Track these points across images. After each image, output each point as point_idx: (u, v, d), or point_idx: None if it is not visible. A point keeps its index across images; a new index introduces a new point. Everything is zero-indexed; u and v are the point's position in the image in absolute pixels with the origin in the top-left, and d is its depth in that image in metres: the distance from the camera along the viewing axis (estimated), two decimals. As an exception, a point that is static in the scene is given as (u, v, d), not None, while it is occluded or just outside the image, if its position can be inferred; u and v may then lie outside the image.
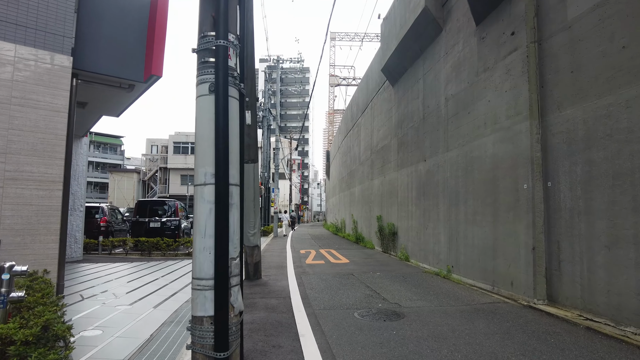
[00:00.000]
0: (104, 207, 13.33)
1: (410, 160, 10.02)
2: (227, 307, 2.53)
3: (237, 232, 2.72)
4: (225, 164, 2.58)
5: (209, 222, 2.55)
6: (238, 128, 2.81)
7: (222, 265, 2.52)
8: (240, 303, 2.73)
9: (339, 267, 8.85)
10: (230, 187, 2.62)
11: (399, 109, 11.20)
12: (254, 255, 7.09)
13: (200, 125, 2.67)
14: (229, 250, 2.58)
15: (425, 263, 8.81)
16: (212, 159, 2.59)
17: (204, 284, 2.55)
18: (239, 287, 2.75)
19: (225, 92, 2.63)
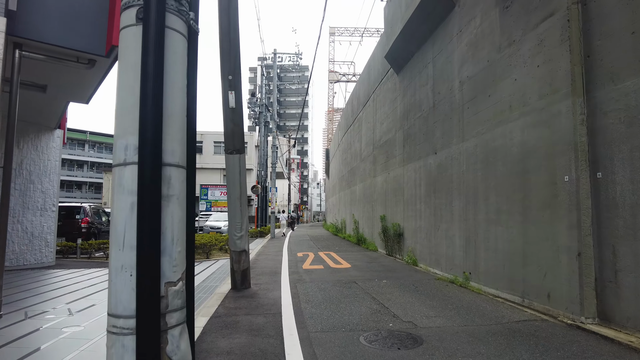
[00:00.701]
0: (86, 207, 12.36)
1: (419, 154, 9.05)
2: (154, 367, 1.55)
3: (180, 241, 1.75)
4: (155, 132, 1.62)
5: (130, 225, 1.59)
6: (183, 79, 1.84)
7: (147, 294, 1.56)
8: (186, 354, 1.75)
9: (339, 273, 7.88)
10: (166, 168, 1.67)
11: (404, 99, 10.23)
12: (242, 261, 6.13)
13: (123, 71, 1.70)
14: (163, 269, 1.62)
15: (437, 268, 7.84)
16: (137, 123, 1.63)
17: (122, 325, 1.59)
18: (183, 327, 1.77)
19: (160, 19, 1.66)
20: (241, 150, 5.66)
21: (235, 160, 5.60)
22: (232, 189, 5.69)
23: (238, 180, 5.66)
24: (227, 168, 5.67)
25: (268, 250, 12.89)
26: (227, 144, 5.61)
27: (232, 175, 5.63)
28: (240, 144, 5.65)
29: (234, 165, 5.61)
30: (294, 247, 13.75)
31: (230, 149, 5.58)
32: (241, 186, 5.71)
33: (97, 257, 10.39)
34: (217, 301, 5.43)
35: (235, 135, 5.56)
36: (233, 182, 5.66)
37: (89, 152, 51.75)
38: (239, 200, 5.74)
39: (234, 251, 6.10)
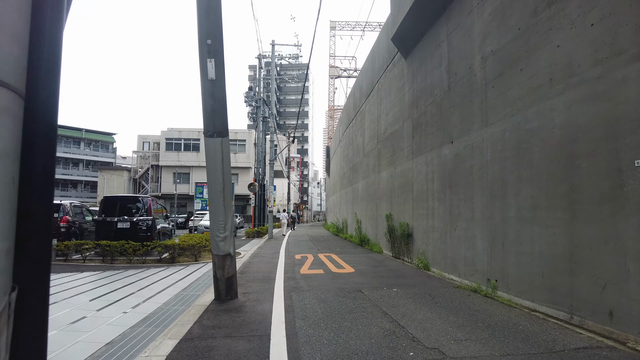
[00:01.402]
0: (66, 205, 11.37)
1: (431, 145, 8.06)
2: None
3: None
4: None
5: None
6: None
7: None
8: None
9: (342, 278, 6.89)
10: None
11: (413, 85, 9.24)
12: (226, 267, 5.13)
13: None
14: None
15: (454, 274, 6.85)
16: None
17: None
18: None
19: None
20: (224, 133, 4.67)
21: (217, 145, 4.61)
22: (213, 180, 4.70)
23: (220, 170, 4.67)
24: (207, 155, 4.69)
25: (264, 252, 11.90)
26: (206, 124, 4.63)
27: (212, 164, 4.65)
28: (222, 124, 4.66)
29: (215, 151, 4.62)
30: (292, 249, 12.76)
31: (210, 131, 4.60)
32: (225, 176, 4.72)
33: (74, 260, 9.41)
34: (194, 316, 4.44)
35: (216, 113, 4.57)
36: (214, 172, 4.67)
37: (85, 150, 50.74)
38: (222, 193, 4.75)
39: (216, 255, 5.11)
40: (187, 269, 8.44)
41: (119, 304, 5.15)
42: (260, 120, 22.10)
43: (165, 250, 9.56)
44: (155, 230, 11.37)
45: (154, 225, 11.20)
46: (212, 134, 4.61)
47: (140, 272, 7.90)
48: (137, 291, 5.99)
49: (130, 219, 10.85)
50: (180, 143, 38.75)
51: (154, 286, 6.46)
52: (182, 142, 38.76)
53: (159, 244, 9.48)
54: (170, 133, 38.87)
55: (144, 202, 11.21)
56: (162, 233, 12.11)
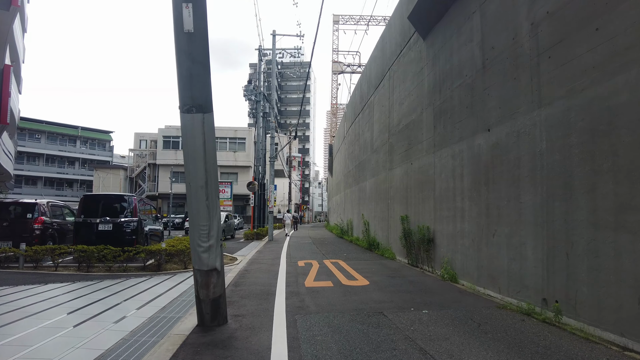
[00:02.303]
0: (42, 204, 10.19)
1: (459, 135, 6.87)
2: None
3: None
4: None
5: None
6: None
7: None
8: None
9: (356, 294, 5.70)
10: None
11: (434, 68, 8.05)
12: (211, 286, 3.94)
13: None
14: None
15: (491, 289, 5.65)
16: None
17: None
18: None
19: None
20: (206, 107, 3.47)
21: (197, 124, 3.42)
22: (192, 171, 3.52)
23: (202, 157, 3.48)
24: (184, 138, 3.50)
25: (263, 257, 10.71)
26: (182, 95, 3.44)
27: (191, 149, 3.47)
28: (203, 95, 3.46)
29: (194, 132, 3.43)
30: (295, 253, 11.57)
31: (188, 104, 3.40)
32: (208, 166, 3.53)
33: (45, 268, 8.22)
34: (165, 355, 3.26)
35: (195, 80, 3.38)
36: (193, 161, 3.49)
37: (81, 149, 49.56)
38: (205, 189, 3.56)
39: (198, 270, 3.92)
40: (173, 279, 7.25)
41: (70, 335, 3.96)
42: (260, 115, 20.93)
43: (149, 256, 8.38)
44: (142, 232, 10.18)
45: (140, 228, 10.01)
46: (189, 108, 3.42)
47: (117, 284, 6.72)
48: (102, 312, 4.80)
49: (114, 220, 9.66)
50: (179, 141, 37.55)
51: (126, 304, 5.27)
52: (180, 140, 37.58)
53: (142, 249, 8.28)
54: (168, 131, 37.74)
55: (129, 202, 10.02)
56: (150, 236, 10.91)
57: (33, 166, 45.94)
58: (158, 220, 12.47)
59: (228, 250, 12.31)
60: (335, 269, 8.15)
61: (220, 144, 37.68)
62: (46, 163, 46.89)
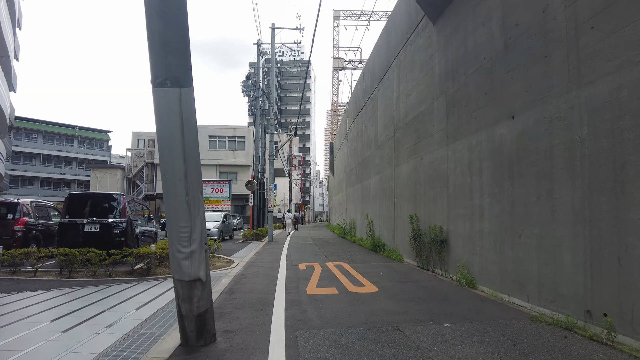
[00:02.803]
0: (25, 204, 9.55)
1: (476, 124, 6.21)
2: None
3: None
4: None
5: None
6: None
7: None
8: None
9: (364, 303, 5.04)
10: None
11: (446, 54, 7.39)
12: (194, 299, 3.29)
13: None
14: None
15: (518, 296, 4.99)
16: None
17: None
18: None
19: None
20: (184, 80, 2.80)
21: (172, 101, 2.76)
22: (168, 159, 2.87)
23: (179, 143, 2.83)
24: (157, 116, 2.85)
25: (262, 260, 10.06)
26: (154, 65, 2.78)
27: (166, 132, 2.82)
28: (180, 65, 2.80)
29: (169, 110, 2.78)
30: (295, 255, 10.91)
31: (161, 76, 2.74)
32: (187, 155, 2.87)
33: (23, 273, 7.57)
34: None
35: (168, 45, 2.72)
36: (169, 147, 2.84)
37: (78, 148, 48.88)
38: (184, 182, 2.90)
39: (179, 281, 3.26)
40: (162, 285, 6.60)
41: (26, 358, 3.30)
42: (260, 112, 20.26)
43: (138, 259, 7.72)
44: (132, 234, 9.53)
45: (130, 229, 9.36)
46: (163, 81, 2.76)
47: (98, 291, 6.06)
48: (71, 328, 4.15)
49: (101, 221, 9.00)
50: (176, 140, 36.94)
51: (103, 316, 4.61)
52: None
53: (130, 252, 7.62)
54: (166, 129, 37.04)
55: (117, 201, 9.36)
56: (143, 237, 10.25)
57: (29, 166, 45.29)
58: (151, 221, 11.81)
59: (225, 251, 11.67)
60: (340, 273, 7.50)
61: (219, 142, 37.06)
62: (43, 163, 46.24)
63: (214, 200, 21.45)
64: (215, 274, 7.79)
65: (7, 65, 21.15)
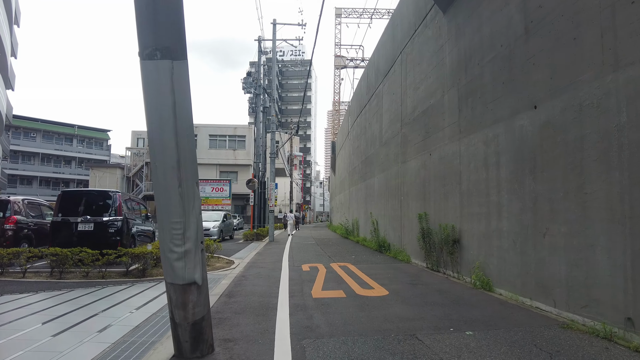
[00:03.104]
0: (16, 202, 9.16)
1: (492, 116, 5.82)
2: None
3: None
4: None
5: None
6: None
7: None
8: None
9: (375, 308, 4.65)
10: None
11: (458, 43, 7.01)
12: (189, 305, 2.90)
13: None
14: None
15: (542, 300, 4.59)
16: None
17: None
18: None
19: None
20: (177, 53, 2.41)
21: (163, 75, 2.37)
22: (158, 144, 2.48)
23: (171, 125, 2.45)
24: (145, 92, 2.45)
25: (263, 260, 9.67)
26: (141, 35, 2.40)
27: (155, 112, 2.43)
28: (172, 34, 2.41)
29: (159, 86, 2.39)
30: (298, 255, 10.52)
31: (149, 46, 2.35)
32: (180, 139, 2.49)
33: (12, 274, 7.18)
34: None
35: (158, 11, 2.33)
36: (159, 129, 2.46)
37: (78, 148, 48.50)
38: (176, 171, 2.52)
39: (172, 285, 2.88)
40: (158, 288, 6.21)
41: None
42: (260, 110, 19.88)
43: (133, 260, 7.33)
44: (128, 233, 9.15)
45: (126, 228, 8.98)
46: (152, 52, 2.37)
47: (89, 294, 5.67)
48: (54, 336, 3.76)
49: (95, 219, 8.61)
50: (176, 139, 36.60)
51: (90, 322, 4.22)
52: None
53: (125, 252, 7.23)
54: (166, 128, 36.71)
55: (113, 199, 8.97)
56: (138, 237, 9.86)
57: (28, 165, 44.93)
58: (149, 220, 11.42)
59: (225, 252, 11.28)
60: (346, 275, 7.10)
61: (220, 142, 36.74)
62: (42, 162, 45.87)
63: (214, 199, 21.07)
64: (214, 275, 7.40)
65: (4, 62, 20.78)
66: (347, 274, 7.16)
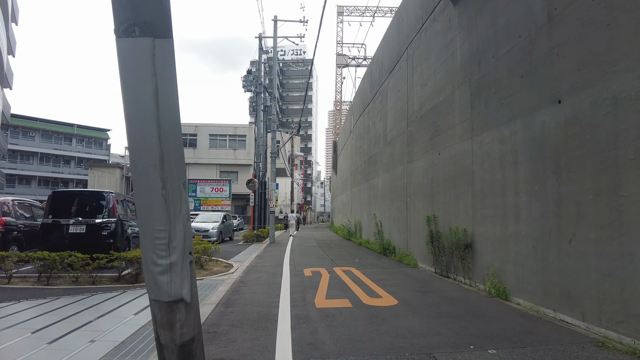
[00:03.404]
0: (5, 203, 8.78)
1: (509, 113, 5.41)
2: None
3: None
4: None
5: None
6: None
7: None
8: None
9: (385, 321, 4.26)
10: None
11: (470, 36, 6.61)
12: (176, 324, 2.49)
13: None
14: None
15: (568, 313, 4.19)
16: None
17: None
18: None
19: None
20: (159, 29, 2.02)
21: (143, 54, 1.98)
22: (137, 138, 2.10)
23: (152, 114, 2.06)
24: (123, 76, 2.07)
25: (263, 264, 9.28)
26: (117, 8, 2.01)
27: (133, 97, 2.04)
28: (153, 5, 2.03)
29: (139, 68, 2.01)
30: (299, 259, 10.13)
31: (126, 21, 1.96)
32: (163, 132, 2.10)
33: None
34: None
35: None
36: (138, 119, 2.07)
37: (77, 147, 48.15)
38: (159, 170, 2.13)
39: (156, 302, 2.47)
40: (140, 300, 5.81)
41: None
42: (261, 109, 19.50)
43: (126, 264, 6.94)
44: (123, 236, 8.76)
45: (120, 230, 8.59)
46: (129, 28, 1.98)
47: (76, 303, 5.28)
48: (27, 355, 3.37)
49: (87, 221, 8.23)
50: (176, 138, 36.25)
51: (71, 338, 3.83)
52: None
53: (117, 256, 6.84)
54: (165, 128, 36.36)
55: (107, 200, 8.58)
56: (133, 240, 9.48)
57: (27, 165, 44.59)
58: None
59: (223, 254, 10.90)
60: (350, 281, 6.71)
61: (220, 141, 36.40)
62: (40, 162, 45.53)
63: (214, 200, 20.71)
64: (211, 280, 7.02)
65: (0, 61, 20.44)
66: (351, 280, 6.76)
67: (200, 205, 20.56)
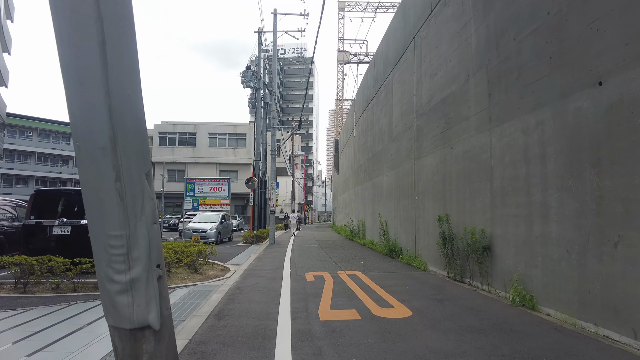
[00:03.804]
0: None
1: (535, 100, 4.83)
2: None
3: None
4: None
5: None
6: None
7: None
8: None
9: (400, 338, 3.68)
10: None
11: (487, 18, 6.03)
12: (142, 357, 1.91)
13: None
14: None
15: (614, 329, 3.61)
16: None
17: None
18: None
19: None
20: None
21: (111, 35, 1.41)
22: (79, 113, 1.54)
23: (99, 78, 1.50)
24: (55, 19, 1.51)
25: (262, 267, 8.71)
26: None
27: (72, 56, 1.48)
28: None
29: (77, 7, 1.45)
30: (300, 261, 9.55)
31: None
32: (114, 102, 1.54)
33: (-27, 285, 6.22)
34: None
35: None
36: (79, 88, 1.50)
37: (75, 147, 47.50)
38: (111, 155, 1.56)
39: (115, 329, 1.89)
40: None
41: None
42: (261, 106, 18.93)
43: (112, 269, 6.36)
44: (111, 237, 8.16)
45: (108, 231, 7.99)
46: None
47: (49, 315, 4.71)
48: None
49: (73, 222, 7.66)
50: (175, 137, 35.77)
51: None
52: (177, 137, 35.78)
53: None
54: (164, 127, 35.92)
55: (94, 199, 7.99)
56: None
57: (24, 165, 44.07)
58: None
59: (220, 256, 10.33)
60: (357, 287, 6.13)
61: (220, 140, 35.86)
62: (38, 162, 45.01)
63: (212, 199, 20.15)
64: (205, 286, 6.45)
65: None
66: (358, 286, 6.19)
67: (199, 204, 19.99)
